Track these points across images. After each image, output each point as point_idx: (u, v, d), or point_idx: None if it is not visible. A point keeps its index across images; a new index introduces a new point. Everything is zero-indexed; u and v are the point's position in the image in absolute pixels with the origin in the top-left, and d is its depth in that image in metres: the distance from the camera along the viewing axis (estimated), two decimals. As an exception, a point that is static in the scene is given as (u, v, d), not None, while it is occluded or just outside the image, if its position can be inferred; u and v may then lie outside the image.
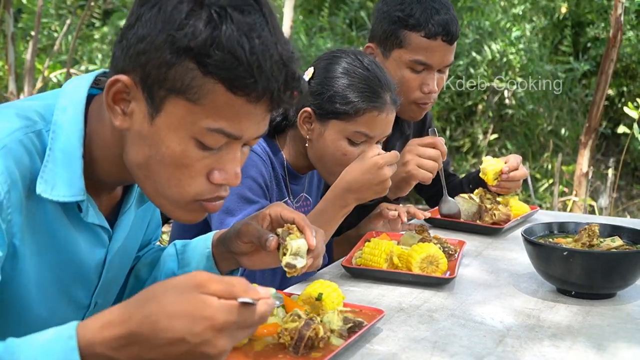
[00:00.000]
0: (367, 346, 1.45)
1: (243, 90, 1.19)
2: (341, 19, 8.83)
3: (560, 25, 8.33)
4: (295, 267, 1.43)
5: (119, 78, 1.22)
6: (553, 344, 1.49)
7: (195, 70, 1.18)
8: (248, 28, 1.18)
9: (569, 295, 1.79)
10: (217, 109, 1.20)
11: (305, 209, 2.24)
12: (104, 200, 1.41)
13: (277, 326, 1.43)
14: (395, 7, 2.46)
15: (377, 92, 2.03)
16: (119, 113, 1.24)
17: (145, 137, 1.23)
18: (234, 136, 1.24)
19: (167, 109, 1.21)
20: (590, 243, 1.82)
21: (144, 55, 1.20)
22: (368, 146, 2.05)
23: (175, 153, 1.22)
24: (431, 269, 1.88)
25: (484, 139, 7.85)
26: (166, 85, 1.19)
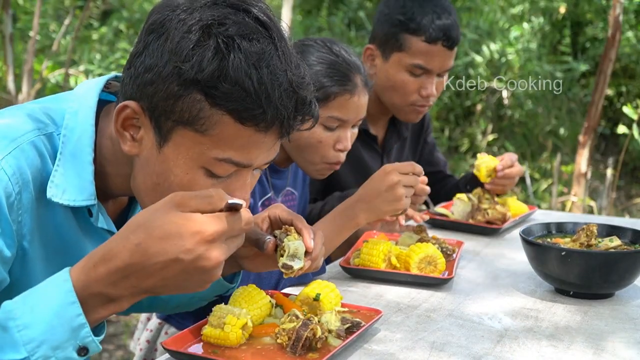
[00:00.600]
0: (365, 346, 1.45)
1: (252, 120, 1.19)
2: (339, 19, 8.83)
3: (559, 25, 8.33)
4: (292, 268, 1.43)
5: (127, 104, 1.22)
6: (551, 344, 1.49)
7: (202, 102, 1.18)
8: (257, 57, 1.18)
9: (567, 295, 1.78)
10: (226, 140, 1.20)
11: (291, 203, 2.24)
12: (111, 206, 1.42)
13: (275, 326, 1.43)
14: (397, 10, 2.46)
15: (347, 75, 2.03)
16: (128, 139, 1.25)
17: (154, 165, 1.24)
18: (243, 165, 1.24)
19: (175, 139, 1.21)
20: (588, 243, 1.82)
21: (151, 86, 1.19)
22: (343, 131, 2.04)
23: (184, 182, 1.22)
24: (429, 269, 1.87)
25: (482, 139, 7.85)
26: (173, 116, 1.19)
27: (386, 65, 2.50)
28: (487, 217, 2.43)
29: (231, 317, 1.36)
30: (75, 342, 1.06)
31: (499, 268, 2.03)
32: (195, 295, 1.61)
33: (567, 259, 1.71)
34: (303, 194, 2.33)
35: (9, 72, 6.44)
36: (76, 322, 1.06)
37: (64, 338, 1.05)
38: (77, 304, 1.06)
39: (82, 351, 1.07)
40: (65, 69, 7.11)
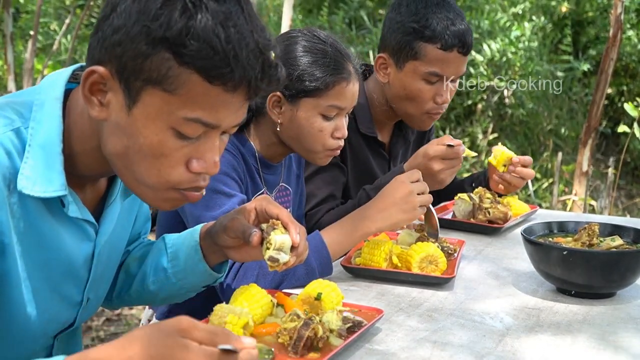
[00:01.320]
0: (367, 346, 1.45)
1: (219, 79, 1.19)
2: (340, 18, 8.82)
3: (560, 24, 8.33)
4: (278, 262, 1.43)
5: (95, 69, 1.22)
6: (553, 343, 1.49)
7: (171, 61, 1.18)
8: (223, 17, 1.19)
9: (569, 295, 1.78)
10: (194, 99, 1.20)
11: (285, 199, 2.24)
12: (88, 194, 1.41)
13: (276, 326, 1.43)
14: (410, 18, 2.42)
15: (342, 63, 2.04)
16: (95, 104, 1.24)
17: (123, 128, 1.23)
18: (212, 125, 1.24)
19: (144, 99, 1.21)
20: (590, 242, 1.82)
21: (119, 47, 1.20)
22: (340, 119, 2.07)
23: (153, 143, 1.23)
24: (430, 269, 1.87)
25: (483, 138, 7.84)
26: (142, 76, 1.20)
27: (400, 74, 2.47)
28: (488, 216, 2.42)
29: (232, 317, 1.36)
30: None
31: (501, 267, 2.03)
32: (184, 286, 1.61)
33: (569, 259, 1.71)
34: (297, 190, 2.33)
35: (10, 72, 6.44)
36: None
37: None
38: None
39: None
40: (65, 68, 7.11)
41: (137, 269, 1.67)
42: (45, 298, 1.35)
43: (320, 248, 1.89)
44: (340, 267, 1.94)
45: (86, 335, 4.31)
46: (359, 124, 2.53)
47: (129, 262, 1.69)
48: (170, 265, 1.61)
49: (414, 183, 1.97)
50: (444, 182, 2.31)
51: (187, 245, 1.61)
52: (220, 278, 1.65)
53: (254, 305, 1.47)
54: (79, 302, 1.45)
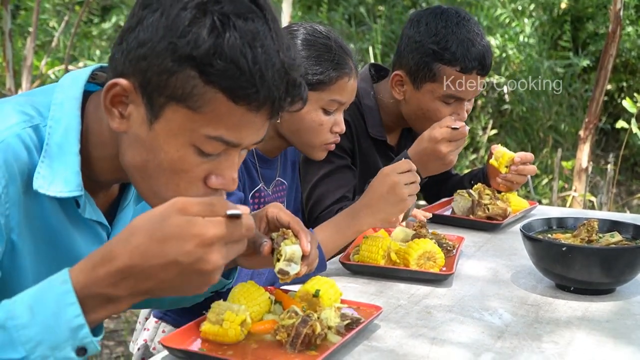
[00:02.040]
0: (365, 343, 1.45)
1: (245, 99, 1.18)
2: (340, 14, 8.81)
3: (560, 20, 8.31)
4: (288, 274, 1.42)
5: (118, 82, 1.21)
6: (552, 339, 1.49)
7: (196, 79, 1.17)
8: (251, 36, 1.17)
9: (568, 291, 1.78)
10: (218, 118, 1.20)
11: (281, 193, 2.25)
12: (101, 197, 1.41)
13: (274, 323, 1.42)
14: (430, 39, 2.40)
15: (343, 58, 2.06)
16: (116, 116, 1.24)
17: (143, 142, 1.23)
18: (233, 144, 1.24)
19: (167, 115, 1.20)
20: (589, 238, 1.82)
21: (144, 61, 1.19)
22: (338, 114, 2.08)
23: (174, 159, 1.22)
24: (429, 265, 1.87)
25: (483, 135, 7.83)
26: (166, 92, 1.19)
27: (418, 94, 2.45)
28: (487, 212, 2.42)
29: (230, 314, 1.35)
30: (74, 342, 1.06)
31: (500, 264, 2.02)
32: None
33: (568, 255, 1.70)
34: (293, 184, 2.33)
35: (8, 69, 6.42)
36: (75, 322, 1.05)
37: (63, 338, 1.05)
38: (77, 305, 1.06)
39: (80, 351, 1.07)
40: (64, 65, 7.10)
41: None
42: None
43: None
44: (339, 264, 1.93)
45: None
46: (368, 127, 2.52)
47: None
48: None
49: (402, 174, 1.95)
50: (452, 163, 2.31)
51: None
52: (229, 284, 1.63)
53: (252, 302, 1.46)
54: None
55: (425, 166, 2.30)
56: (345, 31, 8.50)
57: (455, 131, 2.26)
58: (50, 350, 1.05)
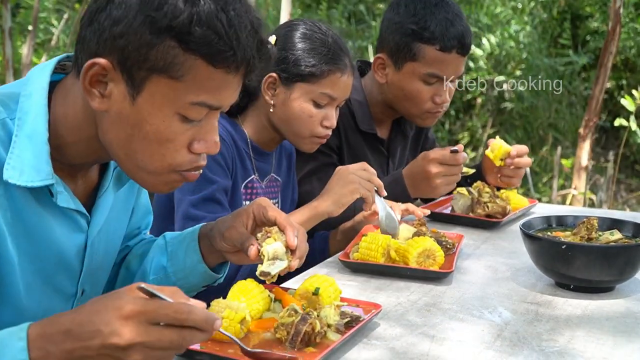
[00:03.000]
0: (364, 341, 1.45)
1: (223, 62, 1.23)
2: (339, 12, 8.80)
3: (559, 18, 8.31)
4: (269, 274, 1.42)
5: (96, 61, 1.22)
6: (551, 337, 1.48)
7: (176, 49, 1.20)
8: (223, 1, 1.22)
9: (568, 289, 1.78)
10: (199, 83, 1.23)
11: (275, 189, 2.27)
12: (80, 185, 1.41)
13: (274, 321, 1.42)
14: (409, 19, 2.42)
15: (339, 54, 2.10)
16: (96, 96, 1.25)
17: (127, 117, 1.25)
18: (215, 107, 1.28)
19: (149, 88, 1.23)
20: (588, 236, 1.81)
21: (121, 39, 1.20)
22: (330, 109, 2.13)
23: (160, 130, 1.25)
24: (428, 263, 1.87)
25: (483, 133, 7.83)
26: (147, 65, 1.21)
27: (399, 75, 2.47)
28: (487, 210, 2.42)
29: (229, 312, 1.35)
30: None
31: (499, 262, 2.02)
32: (184, 286, 1.59)
33: (568, 253, 1.70)
34: (289, 182, 2.34)
35: (8, 67, 6.43)
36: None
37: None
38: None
39: None
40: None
41: (137, 266, 1.67)
42: (38, 290, 1.35)
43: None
44: (338, 262, 1.93)
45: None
46: (357, 122, 2.53)
47: (130, 259, 1.69)
48: (170, 264, 1.61)
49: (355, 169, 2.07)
50: (437, 188, 2.36)
51: (186, 245, 1.60)
52: (220, 279, 1.64)
53: (251, 300, 1.46)
54: (74, 293, 1.45)
55: (415, 185, 2.40)
56: (345, 29, 8.50)
57: (450, 155, 2.32)
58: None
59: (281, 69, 2.08)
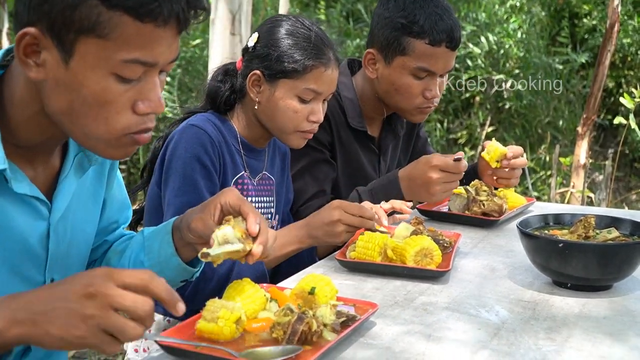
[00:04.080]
0: (361, 340, 1.44)
1: (149, 16, 1.22)
2: (338, 11, 8.81)
3: (558, 16, 8.31)
4: (208, 255, 1.41)
5: (26, 31, 1.23)
6: (549, 336, 1.48)
7: (99, 7, 1.20)
8: None
9: (565, 288, 1.77)
10: (129, 40, 1.23)
11: (268, 187, 2.26)
12: (40, 172, 1.41)
13: (270, 321, 1.42)
14: (398, 14, 2.43)
15: (322, 49, 2.09)
16: (32, 65, 1.25)
17: (64, 83, 1.25)
18: (150, 63, 1.26)
19: (80, 50, 1.22)
20: (586, 235, 1.81)
21: (46, 4, 1.21)
22: (316, 104, 2.12)
23: (97, 92, 1.24)
24: (425, 262, 1.86)
25: (481, 131, 7.83)
26: (74, 27, 1.21)
27: (389, 69, 2.47)
28: (483, 208, 2.41)
29: (225, 311, 1.35)
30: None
31: (496, 260, 2.02)
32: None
33: (565, 251, 1.70)
34: (283, 182, 2.33)
35: (6, 67, 6.42)
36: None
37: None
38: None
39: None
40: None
41: (117, 263, 1.66)
42: (5, 279, 1.34)
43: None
44: (335, 261, 1.93)
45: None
46: (348, 119, 2.53)
47: (110, 256, 1.68)
48: (146, 258, 1.60)
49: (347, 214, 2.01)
50: (435, 194, 2.34)
51: (160, 239, 1.59)
52: (197, 273, 1.63)
53: (247, 300, 1.46)
54: (42, 282, 1.44)
55: (411, 188, 2.38)
56: (343, 28, 8.50)
57: (453, 163, 2.31)
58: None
59: (265, 66, 2.08)
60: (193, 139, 2.03)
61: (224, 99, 2.18)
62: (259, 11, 8.36)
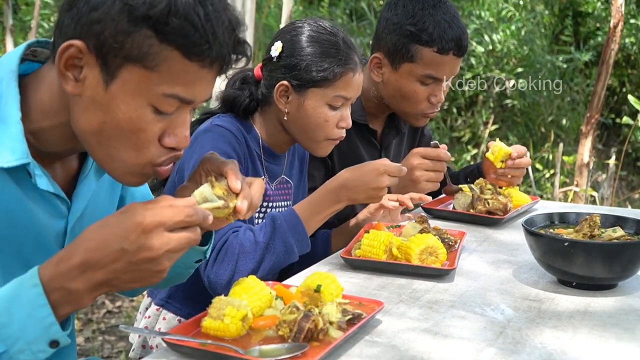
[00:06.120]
0: (367, 338, 1.44)
1: (198, 55, 1.23)
2: (341, 9, 8.80)
3: (561, 15, 8.30)
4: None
5: (72, 43, 1.23)
6: (554, 335, 1.48)
7: (152, 38, 1.21)
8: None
9: (570, 286, 1.77)
10: (173, 75, 1.24)
11: (286, 192, 2.25)
12: (59, 172, 1.41)
13: (275, 318, 1.42)
14: (407, 20, 2.43)
15: (348, 54, 2.08)
16: (70, 79, 1.25)
17: (99, 103, 1.25)
18: (188, 100, 1.28)
19: (123, 76, 1.23)
20: (591, 233, 1.81)
21: (98, 24, 1.21)
22: (345, 109, 2.11)
23: (132, 118, 1.25)
24: (431, 260, 1.86)
25: (484, 130, 7.82)
26: (122, 53, 1.22)
27: (395, 75, 2.48)
28: (487, 206, 2.42)
29: (231, 309, 1.35)
30: (47, 337, 1.18)
31: (501, 259, 2.02)
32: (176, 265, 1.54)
33: (570, 250, 1.70)
34: (300, 186, 2.33)
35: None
36: (47, 321, 1.18)
37: (37, 335, 1.17)
38: (47, 306, 1.17)
39: (53, 344, 1.19)
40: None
41: None
42: (16, 273, 1.34)
43: (296, 224, 1.93)
44: (340, 259, 1.93)
45: (87, 328, 4.32)
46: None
47: None
48: None
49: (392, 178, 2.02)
50: (417, 180, 2.35)
51: None
52: (208, 249, 1.61)
53: (253, 297, 1.46)
54: None
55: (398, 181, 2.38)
56: (347, 26, 8.49)
57: (430, 148, 2.36)
58: (27, 344, 1.17)
59: (292, 76, 2.05)
60: (221, 137, 2.02)
61: (244, 106, 2.15)
62: (263, 8, 8.36)
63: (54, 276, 1.17)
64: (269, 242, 1.91)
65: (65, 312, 1.20)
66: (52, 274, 1.17)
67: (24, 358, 1.17)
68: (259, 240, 1.90)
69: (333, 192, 2.01)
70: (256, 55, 7.24)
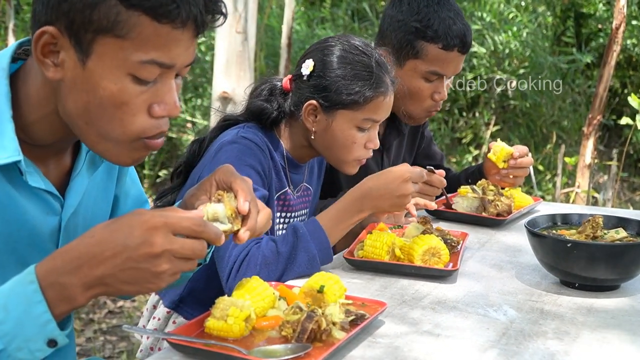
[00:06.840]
0: (369, 339, 1.45)
1: (167, 17, 1.22)
2: (343, 10, 8.80)
3: (563, 16, 8.30)
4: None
5: (44, 30, 1.23)
6: (556, 336, 1.48)
7: (118, 6, 1.21)
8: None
9: (573, 288, 1.77)
10: (146, 40, 1.23)
11: (306, 199, 2.24)
12: (52, 169, 1.41)
13: (279, 319, 1.42)
14: (412, 17, 2.44)
15: (380, 77, 2.04)
16: (50, 65, 1.26)
17: (81, 83, 1.25)
18: (167, 65, 1.27)
19: (97, 50, 1.23)
20: (594, 235, 1.81)
21: (65, 3, 1.22)
22: (373, 131, 2.09)
23: (113, 92, 1.25)
24: (433, 261, 1.87)
25: (486, 131, 7.82)
26: (92, 27, 1.22)
27: (400, 72, 2.46)
28: (498, 209, 2.42)
29: (234, 309, 1.35)
30: (44, 335, 1.17)
31: (504, 260, 2.02)
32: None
33: (573, 251, 1.70)
34: (317, 191, 2.33)
35: (12, 64, 6.43)
36: (43, 318, 1.16)
37: (34, 332, 1.16)
38: (44, 303, 1.16)
39: (51, 343, 1.18)
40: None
41: None
42: (12, 271, 1.34)
43: (319, 234, 1.88)
44: (343, 260, 1.93)
45: (88, 328, 4.32)
46: None
47: None
48: None
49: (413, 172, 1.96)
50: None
51: None
52: (209, 255, 1.59)
53: (256, 297, 1.46)
54: None
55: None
56: (348, 26, 8.49)
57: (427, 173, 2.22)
58: (25, 342, 1.16)
59: (322, 97, 2.03)
60: (247, 150, 1.99)
61: (271, 119, 2.12)
62: (265, 9, 8.36)
63: (50, 270, 1.17)
64: (292, 253, 1.85)
65: (61, 311, 1.19)
66: (48, 269, 1.17)
67: (22, 357, 1.16)
68: (281, 251, 1.84)
69: (357, 201, 1.95)
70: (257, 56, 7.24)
